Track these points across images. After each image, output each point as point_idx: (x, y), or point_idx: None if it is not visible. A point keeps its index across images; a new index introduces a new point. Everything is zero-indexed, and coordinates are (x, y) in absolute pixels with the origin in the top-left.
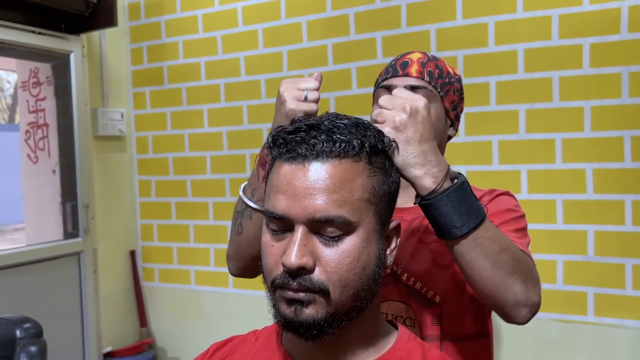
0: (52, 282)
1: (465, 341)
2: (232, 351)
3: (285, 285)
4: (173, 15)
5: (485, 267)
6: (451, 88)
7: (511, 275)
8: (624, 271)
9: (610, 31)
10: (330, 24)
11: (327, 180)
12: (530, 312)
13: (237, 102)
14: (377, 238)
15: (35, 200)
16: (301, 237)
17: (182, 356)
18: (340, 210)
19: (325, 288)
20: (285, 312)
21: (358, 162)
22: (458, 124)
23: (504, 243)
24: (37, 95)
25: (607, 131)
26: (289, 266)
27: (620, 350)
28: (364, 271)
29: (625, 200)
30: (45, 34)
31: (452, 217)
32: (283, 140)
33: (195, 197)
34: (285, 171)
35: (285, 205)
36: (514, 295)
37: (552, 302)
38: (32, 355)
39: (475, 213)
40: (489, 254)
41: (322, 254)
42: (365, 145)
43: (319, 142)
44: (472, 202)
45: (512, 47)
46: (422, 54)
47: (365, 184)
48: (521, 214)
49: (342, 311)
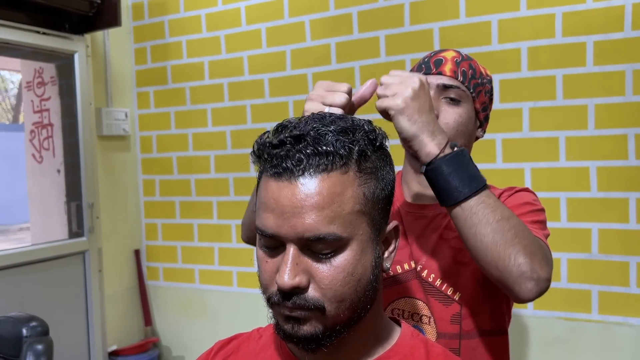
0: (57, 281)
1: (483, 337)
2: (236, 349)
3: (280, 303)
4: (176, 15)
5: (486, 234)
6: (483, 89)
7: (514, 245)
8: (629, 269)
9: (614, 29)
10: (334, 23)
11: (316, 196)
12: (537, 287)
13: (240, 102)
14: (373, 246)
15: (40, 199)
16: (293, 256)
17: (187, 355)
18: (331, 227)
19: (320, 305)
20: (284, 327)
21: (347, 172)
22: (486, 125)
23: (505, 213)
24: (42, 95)
25: (611, 129)
26: (283, 287)
27: (624, 348)
28: (360, 283)
29: (630, 198)
30: (49, 34)
31: (454, 180)
32: (268, 155)
33: (200, 196)
34: (273, 188)
35: (275, 224)
36: (518, 266)
37: (557, 300)
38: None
39: (476, 180)
40: (490, 220)
41: (316, 271)
42: (354, 153)
43: (305, 156)
44: (472, 169)
45: (515, 46)
46: (457, 53)
47: (356, 195)
48: (540, 207)
49: (339, 324)
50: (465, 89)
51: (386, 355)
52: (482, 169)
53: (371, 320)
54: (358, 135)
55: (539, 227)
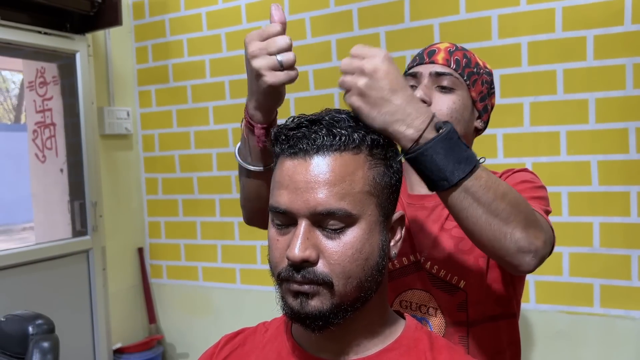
0: (62, 280)
1: (492, 322)
2: (243, 343)
3: (290, 278)
4: (177, 14)
5: (479, 216)
6: (479, 78)
7: (509, 223)
8: (630, 262)
9: (613, 23)
10: (334, 19)
11: (328, 173)
12: (535, 258)
13: (242, 99)
14: (380, 230)
15: (44, 199)
16: (304, 230)
17: (191, 352)
18: (341, 203)
19: (329, 280)
20: (292, 304)
21: (359, 154)
22: (487, 117)
23: (499, 190)
24: (44, 95)
25: (611, 123)
26: (293, 259)
27: (626, 341)
28: (367, 262)
29: (631, 191)
30: (51, 34)
31: (439, 168)
32: (285, 137)
33: (202, 194)
34: (288, 166)
35: (288, 200)
36: (515, 242)
37: (559, 294)
38: (45, 351)
39: (465, 162)
40: (482, 202)
41: (325, 247)
42: (367, 139)
43: (320, 136)
44: (459, 151)
45: (515, 41)
46: (451, 44)
47: (366, 176)
48: (539, 184)
49: (346, 302)
50: (459, 76)
51: (390, 347)
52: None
53: (376, 308)
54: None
55: (539, 203)
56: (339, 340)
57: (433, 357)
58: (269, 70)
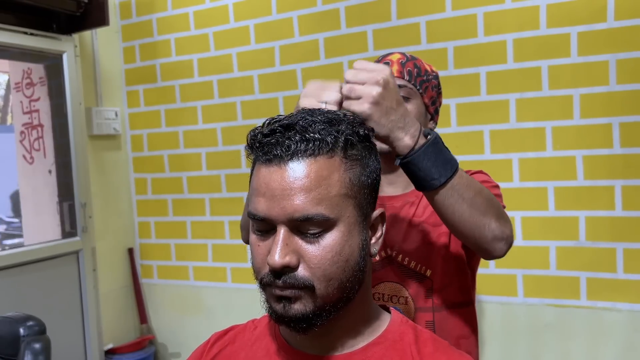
0: (52, 282)
1: (454, 309)
2: (232, 340)
3: (272, 283)
4: (164, 13)
5: (464, 210)
6: (429, 85)
7: (486, 215)
8: (615, 255)
9: (597, 19)
10: (322, 18)
11: (304, 179)
12: (506, 245)
13: (230, 98)
14: (360, 230)
15: (33, 200)
16: (283, 237)
17: (183, 351)
18: (318, 208)
19: (310, 284)
20: (276, 308)
21: (333, 157)
22: (437, 117)
23: (476, 187)
24: (31, 96)
25: (596, 118)
26: (273, 266)
27: (613, 332)
28: (348, 264)
29: (615, 185)
30: (37, 35)
31: (431, 170)
32: (259, 144)
33: (192, 193)
34: (264, 174)
35: (265, 207)
36: (491, 231)
37: (546, 287)
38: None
39: (450, 163)
40: (465, 197)
41: (305, 251)
42: (340, 140)
43: (293, 142)
44: (445, 154)
45: (501, 38)
46: (401, 55)
47: (342, 179)
48: (495, 184)
49: (329, 303)
50: (412, 87)
51: (376, 341)
52: (471, 160)
53: (360, 305)
54: (344, 126)
55: (498, 197)
56: (325, 337)
57: (418, 349)
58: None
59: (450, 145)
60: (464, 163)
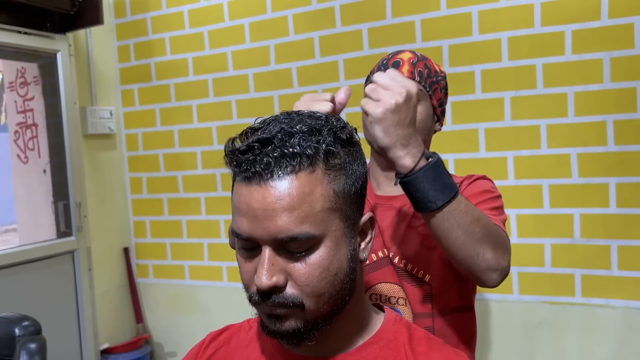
0: (48, 282)
1: (452, 314)
2: (228, 340)
3: (261, 302)
4: (159, 12)
5: (458, 237)
6: (438, 86)
7: (482, 244)
8: (610, 252)
9: (591, 17)
10: (316, 16)
11: (286, 198)
12: (500, 276)
13: (225, 97)
14: (347, 240)
15: (27, 200)
16: (268, 257)
17: (179, 350)
18: (302, 227)
19: (299, 302)
20: (267, 324)
21: (315, 171)
22: (444, 118)
23: (475, 215)
24: (25, 95)
25: (590, 116)
26: (260, 288)
27: (608, 329)
28: (336, 277)
29: (610, 183)
30: (31, 34)
31: (428, 192)
32: (237, 162)
33: (187, 192)
34: (244, 193)
35: (248, 227)
36: (485, 261)
37: (541, 284)
38: (33, 352)
39: (449, 188)
40: (461, 224)
41: (292, 269)
42: (320, 152)
43: (273, 159)
44: (445, 179)
45: (496, 36)
46: (412, 54)
47: (325, 193)
48: (497, 194)
49: (319, 317)
50: (423, 88)
51: (370, 341)
52: (466, 159)
53: (353, 310)
54: (325, 133)
55: (498, 213)
56: (319, 340)
57: (412, 349)
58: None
59: (445, 144)
60: (459, 161)
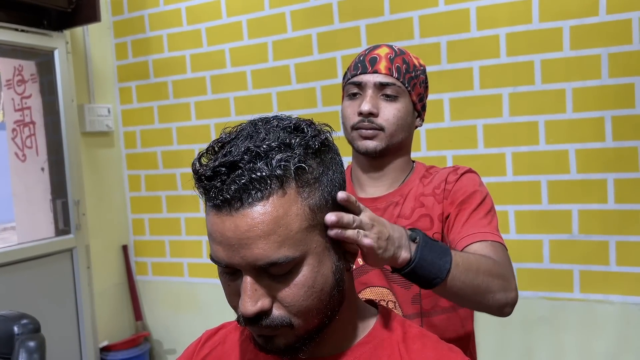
0: (46, 280)
1: (444, 314)
2: (223, 340)
3: (249, 325)
4: (156, 9)
5: (466, 293)
6: (417, 81)
7: (490, 290)
8: (608, 248)
9: (589, 13)
10: (314, 13)
11: (259, 225)
12: (511, 307)
13: (223, 94)
14: (331, 253)
15: (26, 198)
16: (250, 284)
17: (178, 348)
18: (281, 251)
19: (287, 322)
20: (258, 340)
21: (287, 193)
22: (424, 113)
23: (473, 266)
24: (23, 93)
25: (588, 112)
26: (246, 315)
27: (606, 324)
28: (323, 292)
29: (608, 179)
30: (28, 32)
31: (430, 271)
32: (204, 189)
33: (186, 190)
34: (216, 222)
35: (225, 255)
36: (496, 302)
37: (539, 280)
38: (31, 351)
39: (444, 256)
40: (466, 282)
41: (277, 292)
42: (290, 171)
43: (241, 186)
44: (437, 250)
45: (494, 32)
46: (390, 49)
47: (301, 212)
48: (485, 193)
49: (310, 331)
50: (401, 85)
51: (363, 341)
52: (465, 155)
53: (344, 315)
54: (295, 145)
55: (490, 219)
56: (313, 350)
57: (406, 347)
58: None
59: (443, 140)
60: (458, 157)
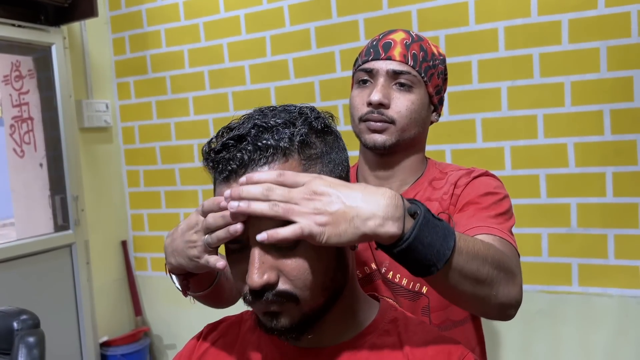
0: (46, 275)
1: (455, 328)
2: (224, 333)
3: (255, 301)
4: (154, 4)
5: (466, 289)
6: (435, 71)
7: (493, 286)
8: (607, 241)
9: (588, 6)
10: (312, 7)
11: None
12: (515, 309)
13: (222, 89)
14: None
15: (24, 194)
16: (257, 256)
17: (178, 343)
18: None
19: (293, 295)
20: (263, 320)
21: (289, 161)
22: (441, 108)
23: (479, 255)
24: (20, 89)
25: (587, 105)
26: (253, 287)
27: (605, 317)
28: (328, 267)
29: (606, 172)
30: (25, 27)
31: (426, 256)
32: (213, 163)
33: (184, 185)
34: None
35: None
36: (498, 302)
37: (538, 274)
38: (31, 346)
39: (446, 240)
40: (468, 275)
41: (282, 265)
42: (295, 142)
43: (246, 154)
44: (440, 231)
45: (492, 26)
46: (406, 34)
47: None
48: (502, 195)
49: (315, 309)
50: (417, 74)
51: (366, 331)
52: (463, 149)
53: (347, 300)
54: (299, 124)
55: (503, 220)
56: (316, 332)
57: (408, 338)
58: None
59: (442, 135)
60: (456, 151)
